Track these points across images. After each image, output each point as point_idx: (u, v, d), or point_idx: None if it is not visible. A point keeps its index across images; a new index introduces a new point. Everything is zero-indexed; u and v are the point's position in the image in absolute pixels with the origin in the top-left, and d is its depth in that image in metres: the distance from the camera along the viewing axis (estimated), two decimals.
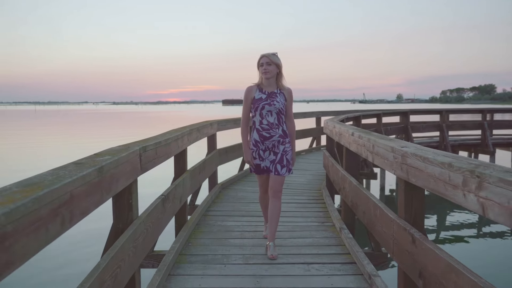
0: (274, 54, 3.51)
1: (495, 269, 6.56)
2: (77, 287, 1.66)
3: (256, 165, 3.60)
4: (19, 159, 18.02)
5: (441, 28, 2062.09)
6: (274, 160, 3.54)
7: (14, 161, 17.28)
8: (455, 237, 8.39)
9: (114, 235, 2.32)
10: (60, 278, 5.95)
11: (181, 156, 4.03)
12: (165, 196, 3.15)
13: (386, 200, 11.21)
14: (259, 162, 3.59)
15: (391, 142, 2.82)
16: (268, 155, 3.56)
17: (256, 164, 3.60)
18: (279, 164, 3.53)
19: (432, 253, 2.00)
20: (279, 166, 3.53)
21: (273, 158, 3.54)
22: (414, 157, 2.24)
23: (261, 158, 3.58)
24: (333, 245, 3.83)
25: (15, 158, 18.27)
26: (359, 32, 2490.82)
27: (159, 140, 2.98)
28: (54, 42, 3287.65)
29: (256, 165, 3.60)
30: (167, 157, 3.28)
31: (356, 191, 3.63)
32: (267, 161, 3.57)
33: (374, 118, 10.90)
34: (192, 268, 3.27)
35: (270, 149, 3.55)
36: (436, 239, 8.10)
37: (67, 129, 38.85)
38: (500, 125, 14.07)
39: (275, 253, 3.49)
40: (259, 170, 3.62)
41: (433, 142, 12.68)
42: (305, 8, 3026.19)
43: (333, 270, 3.23)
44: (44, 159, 16.81)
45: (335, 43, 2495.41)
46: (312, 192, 6.13)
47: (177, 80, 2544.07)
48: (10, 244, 1.14)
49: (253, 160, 3.60)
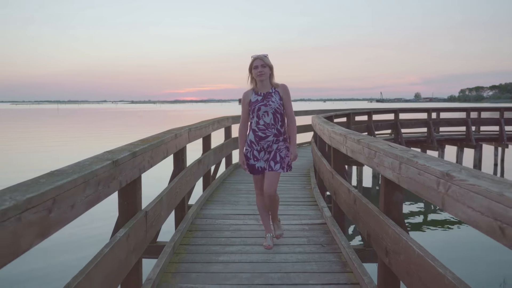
0: (266, 56, 3.61)
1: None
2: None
3: (251, 165, 3.72)
4: (78, 150, 20.22)
5: (460, 26, 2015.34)
6: (268, 158, 3.66)
7: (78, 152, 19.47)
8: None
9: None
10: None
11: (207, 138, 6.10)
12: (200, 160, 5.21)
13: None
14: (253, 163, 3.70)
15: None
16: (263, 155, 3.68)
17: (251, 164, 3.71)
18: (272, 161, 3.64)
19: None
20: (272, 162, 3.64)
21: (267, 157, 3.67)
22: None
23: (256, 158, 3.69)
24: (308, 197, 5.84)
25: (74, 150, 20.52)
26: (377, 30, 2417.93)
27: (197, 126, 5.03)
28: (69, 41, 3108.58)
29: (251, 165, 3.72)
30: (200, 137, 5.33)
31: (318, 161, 5.61)
32: (262, 161, 3.69)
33: (365, 115, 12.83)
34: (219, 203, 5.32)
35: (265, 149, 3.66)
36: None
37: (108, 126, 41.80)
38: (483, 122, 15.76)
39: (278, 233, 3.93)
40: (254, 170, 3.73)
41: (421, 137, 14.52)
42: (321, 7, 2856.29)
43: (304, 204, 5.24)
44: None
45: (352, 42, 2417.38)
46: (303, 170, 8.15)
47: (194, 79, 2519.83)
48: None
49: (247, 161, 3.73)
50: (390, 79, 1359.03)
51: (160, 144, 3.32)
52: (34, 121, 53.59)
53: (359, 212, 3.14)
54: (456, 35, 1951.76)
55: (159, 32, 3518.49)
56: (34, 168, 8.36)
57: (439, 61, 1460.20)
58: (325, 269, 3.29)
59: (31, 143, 24.75)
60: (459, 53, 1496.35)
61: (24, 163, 16.46)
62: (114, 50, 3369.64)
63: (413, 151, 2.35)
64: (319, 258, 3.54)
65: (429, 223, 9.75)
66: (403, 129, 13.96)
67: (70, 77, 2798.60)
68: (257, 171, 3.70)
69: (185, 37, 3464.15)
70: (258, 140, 3.63)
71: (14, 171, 13.87)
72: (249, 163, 3.71)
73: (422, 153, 2.36)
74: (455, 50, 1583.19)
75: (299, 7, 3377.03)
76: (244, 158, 3.72)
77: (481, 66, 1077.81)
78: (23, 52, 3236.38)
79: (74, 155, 11.40)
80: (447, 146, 15.04)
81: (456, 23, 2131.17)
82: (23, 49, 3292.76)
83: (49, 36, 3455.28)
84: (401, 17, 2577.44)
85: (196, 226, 4.47)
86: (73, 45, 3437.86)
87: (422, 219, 10.05)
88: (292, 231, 4.23)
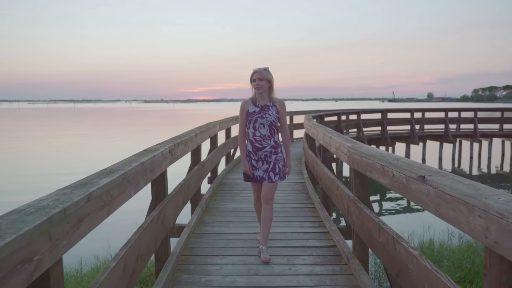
0: (266, 70, 3.65)
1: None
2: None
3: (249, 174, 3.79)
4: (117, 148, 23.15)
5: (474, 25, 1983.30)
6: (268, 169, 3.71)
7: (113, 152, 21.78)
8: None
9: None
10: None
11: (229, 130, 8.86)
12: (225, 144, 7.97)
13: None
14: (252, 171, 3.77)
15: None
16: (261, 165, 3.73)
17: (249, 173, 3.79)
18: (272, 172, 3.71)
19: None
20: (272, 174, 3.71)
21: (266, 167, 3.72)
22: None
23: (254, 167, 3.75)
24: (298, 169, 8.52)
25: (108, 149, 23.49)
26: (390, 29, 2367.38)
27: (224, 121, 7.78)
28: (80, 40, 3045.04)
29: (248, 174, 3.79)
30: (226, 128, 8.08)
31: (306, 154, 8.30)
32: (260, 170, 3.74)
33: (354, 115, 15.48)
34: (238, 173, 8.04)
35: (262, 159, 3.72)
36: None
37: (144, 123, 45.52)
38: (461, 121, 18.24)
39: (268, 256, 3.67)
40: (252, 179, 3.78)
41: (405, 133, 17.11)
42: (330, 6, 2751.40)
43: (293, 173, 7.94)
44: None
45: (365, 41, 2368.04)
46: (296, 155, 10.87)
47: (206, 78, 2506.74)
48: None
49: (251, 169, 3.77)
50: (403, 79, 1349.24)
51: (208, 129, 6.05)
52: (73, 120, 56.85)
53: (314, 167, 5.84)
54: (472, 34, 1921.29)
55: (171, 32, 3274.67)
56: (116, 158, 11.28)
57: (453, 60, 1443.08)
58: (301, 204, 6.00)
59: (92, 140, 27.38)
60: (474, 53, 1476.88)
61: (103, 158, 19.28)
62: (126, 49, 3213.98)
63: (332, 132, 5.05)
64: (299, 198, 6.24)
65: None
66: (389, 127, 16.56)
67: (83, 76, 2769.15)
68: (255, 180, 3.77)
69: (197, 37, 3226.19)
70: (256, 150, 3.71)
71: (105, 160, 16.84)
72: (246, 172, 3.79)
73: (336, 132, 5.05)
74: (470, 50, 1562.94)
75: (308, 6, 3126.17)
76: (248, 165, 3.78)
77: (496, 65, 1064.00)
78: (35, 51, 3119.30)
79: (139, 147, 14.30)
80: (428, 141, 17.59)
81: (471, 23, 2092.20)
82: (33, 48, 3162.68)
83: (60, 35, 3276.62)
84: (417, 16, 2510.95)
85: (223, 185, 7.19)
86: (85, 44, 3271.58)
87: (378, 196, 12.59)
88: (283, 186, 6.91)
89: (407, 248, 2.22)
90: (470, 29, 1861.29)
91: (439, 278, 1.83)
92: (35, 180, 13.82)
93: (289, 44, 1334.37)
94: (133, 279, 2.36)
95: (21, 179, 14.42)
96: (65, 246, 1.56)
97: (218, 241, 4.24)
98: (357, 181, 3.45)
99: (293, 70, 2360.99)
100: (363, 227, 3.10)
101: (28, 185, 13.07)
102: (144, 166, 2.72)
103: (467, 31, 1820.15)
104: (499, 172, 16.75)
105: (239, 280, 3.28)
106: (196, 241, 4.23)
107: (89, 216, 1.78)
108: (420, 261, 2.03)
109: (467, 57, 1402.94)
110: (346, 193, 3.69)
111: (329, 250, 3.97)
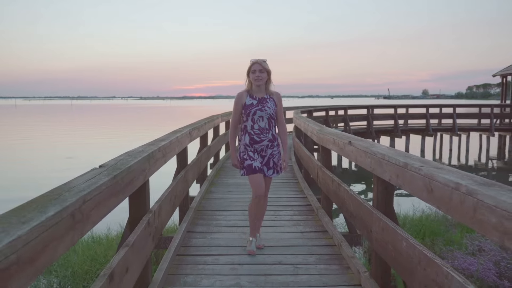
0: (265, 61, 3.60)
1: None
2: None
3: (248, 165, 3.65)
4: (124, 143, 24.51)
5: (470, 23, 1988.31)
6: (262, 162, 3.69)
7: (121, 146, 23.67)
8: None
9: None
10: None
11: (229, 122, 10.25)
12: (226, 133, 9.37)
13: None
14: (250, 162, 3.65)
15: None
16: (257, 156, 3.68)
17: (248, 164, 3.66)
18: (265, 166, 3.70)
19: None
20: (265, 168, 3.70)
21: (261, 161, 3.69)
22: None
23: (251, 158, 3.66)
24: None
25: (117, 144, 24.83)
26: (386, 26, 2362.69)
27: (225, 114, 9.19)
28: (76, 38, 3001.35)
29: (248, 165, 3.65)
30: (226, 120, 9.49)
31: (293, 142, 9.70)
32: (257, 161, 3.66)
33: (342, 110, 16.93)
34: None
35: (258, 152, 3.67)
36: None
37: (145, 120, 46.94)
38: (442, 116, 19.72)
39: (253, 249, 3.73)
40: (251, 170, 3.64)
41: (389, 127, 18.56)
42: (327, 3, 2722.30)
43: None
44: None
45: (362, 38, 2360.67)
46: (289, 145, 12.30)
47: (202, 75, 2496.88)
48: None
49: (241, 163, 3.70)
50: (400, 76, 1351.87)
51: (212, 120, 7.44)
52: (74, 117, 57.41)
53: (298, 150, 7.25)
54: (468, 31, 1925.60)
55: (168, 29, 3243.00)
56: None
57: (449, 58, 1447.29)
58: (292, 193, 7.41)
59: (100, 136, 28.13)
60: (469, 50, 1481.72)
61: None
62: (122, 46, 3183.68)
63: (325, 129, 6.47)
64: (286, 176, 7.64)
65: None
66: (375, 121, 18.00)
67: (78, 73, 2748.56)
68: (255, 170, 3.63)
69: (194, 33, 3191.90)
70: (253, 143, 3.65)
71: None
72: (245, 164, 3.66)
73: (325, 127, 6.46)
74: (465, 47, 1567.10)
75: (305, 3, 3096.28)
76: (239, 160, 3.73)
77: (490, 63, 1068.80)
78: (30, 48, 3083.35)
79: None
80: (411, 135, 19.04)
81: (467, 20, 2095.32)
82: (28, 45, 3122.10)
83: (57, 32, 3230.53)
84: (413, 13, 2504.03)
85: (224, 168, 8.59)
86: (80, 41, 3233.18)
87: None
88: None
89: (346, 188, 3.63)
90: (467, 27, 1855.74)
91: (367, 207, 3.26)
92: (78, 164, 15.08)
93: (286, 41, 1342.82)
94: (174, 207, 3.82)
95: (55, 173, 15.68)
96: (153, 168, 3.02)
97: (223, 202, 5.67)
98: (323, 154, 4.87)
99: (290, 67, 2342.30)
100: (325, 184, 4.53)
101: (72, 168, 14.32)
102: (177, 139, 4.13)
103: (464, 29, 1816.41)
104: (477, 163, 18.25)
105: (239, 223, 4.70)
106: (207, 202, 5.63)
107: (164, 156, 3.39)
108: (348, 191, 3.46)
109: (463, 55, 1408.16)
110: (316, 163, 5.12)
111: (306, 207, 5.40)
